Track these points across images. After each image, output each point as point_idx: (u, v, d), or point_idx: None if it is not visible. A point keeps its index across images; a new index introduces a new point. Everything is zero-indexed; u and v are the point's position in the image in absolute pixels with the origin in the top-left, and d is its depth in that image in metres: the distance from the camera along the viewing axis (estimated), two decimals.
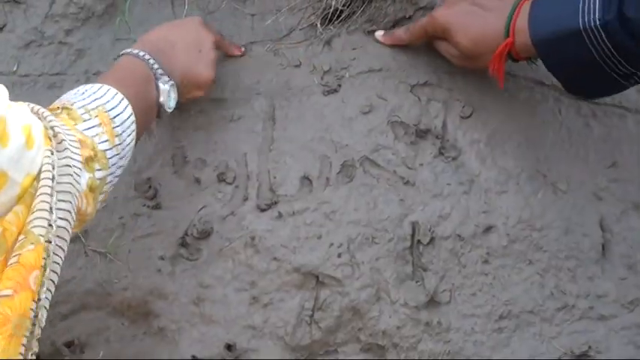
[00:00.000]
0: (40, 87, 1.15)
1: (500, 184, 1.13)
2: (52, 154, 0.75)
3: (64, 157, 0.76)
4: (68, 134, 0.78)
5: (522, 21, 1.00)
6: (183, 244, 1.11)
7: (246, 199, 1.12)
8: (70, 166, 0.76)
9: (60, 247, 0.75)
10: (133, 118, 0.89)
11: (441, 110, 1.15)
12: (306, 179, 1.13)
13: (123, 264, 1.10)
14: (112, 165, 0.85)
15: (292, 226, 1.10)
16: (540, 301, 1.12)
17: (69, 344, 1.10)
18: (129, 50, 0.99)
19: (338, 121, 1.14)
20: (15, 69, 1.15)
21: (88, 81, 1.16)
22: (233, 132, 1.15)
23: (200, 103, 1.16)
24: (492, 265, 1.11)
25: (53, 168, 0.75)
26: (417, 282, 1.11)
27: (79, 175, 0.78)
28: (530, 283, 1.12)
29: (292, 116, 1.15)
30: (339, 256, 1.10)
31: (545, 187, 1.14)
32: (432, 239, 1.11)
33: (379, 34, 1.16)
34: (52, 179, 0.74)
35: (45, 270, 0.72)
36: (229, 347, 1.10)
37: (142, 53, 0.98)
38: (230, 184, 1.13)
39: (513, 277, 1.12)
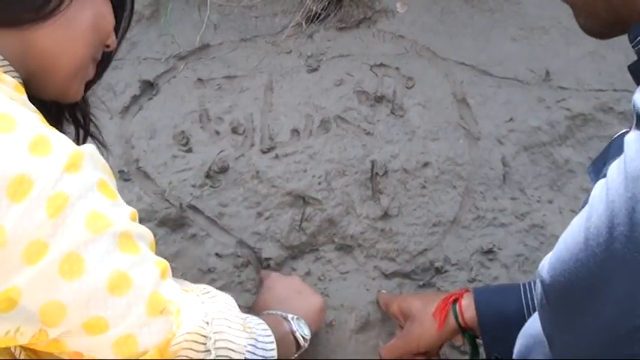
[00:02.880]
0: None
1: (433, 133, 1.36)
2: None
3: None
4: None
5: (470, 293, 1.13)
6: (208, 176, 1.31)
7: (252, 145, 1.34)
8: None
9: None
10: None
11: (392, 83, 1.39)
12: (295, 131, 1.34)
13: (167, 189, 1.31)
14: None
15: (285, 164, 1.32)
16: (461, 214, 1.35)
17: None
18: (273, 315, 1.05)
19: (318, 90, 1.37)
20: None
21: (140, 65, 1.38)
22: (243, 98, 1.36)
23: (218, 79, 1.38)
24: (428, 189, 1.34)
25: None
26: (375, 201, 1.34)
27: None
28: (454, 201, 1.35)
29: (285, 87, 1.37)
30: (319, 184, 1.32)
31: (464, 136, 1.38)
32: (385, 172, 1.33)
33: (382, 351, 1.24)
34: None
35: None
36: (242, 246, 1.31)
37: (283, 315, 1.06)
38: (241, 134, 1.34)
39: (442, 198, 1.35)
